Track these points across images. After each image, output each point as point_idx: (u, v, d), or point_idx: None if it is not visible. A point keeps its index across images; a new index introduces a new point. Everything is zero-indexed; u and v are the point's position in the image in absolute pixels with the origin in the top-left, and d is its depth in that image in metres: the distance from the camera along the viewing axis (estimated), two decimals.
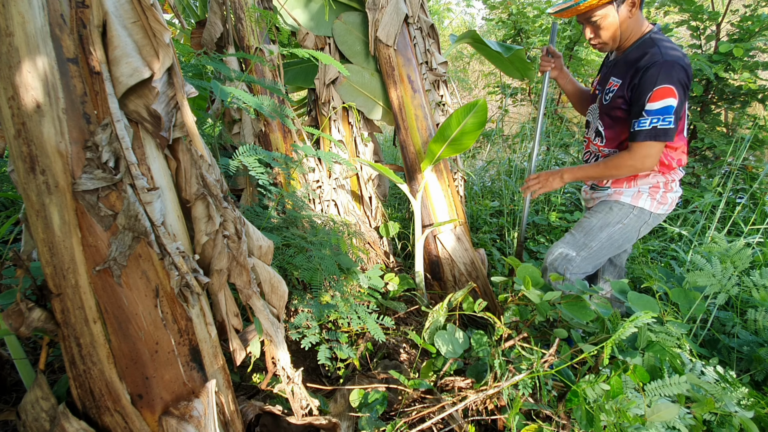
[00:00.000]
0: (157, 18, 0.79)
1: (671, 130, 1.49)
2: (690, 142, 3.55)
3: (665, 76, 1.46)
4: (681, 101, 1.48)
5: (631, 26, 1.59)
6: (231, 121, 2.08)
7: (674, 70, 1.46)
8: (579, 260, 1.74)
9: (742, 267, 1.96)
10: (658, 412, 0.95)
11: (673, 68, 1.46)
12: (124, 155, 0.78)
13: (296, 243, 1.60)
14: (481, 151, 4.98)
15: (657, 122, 1.50)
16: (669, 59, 1.46)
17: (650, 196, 1.67)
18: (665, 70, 1.46)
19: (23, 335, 0.83)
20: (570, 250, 1.75)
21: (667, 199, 1.69)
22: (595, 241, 1.73)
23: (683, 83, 1.47)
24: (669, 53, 1.49)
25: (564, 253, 1.76)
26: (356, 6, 2.33)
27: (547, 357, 1.16)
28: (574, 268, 1.74)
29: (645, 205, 1.68)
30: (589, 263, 1.76)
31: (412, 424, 1.17)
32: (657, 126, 1.50)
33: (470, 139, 1.87)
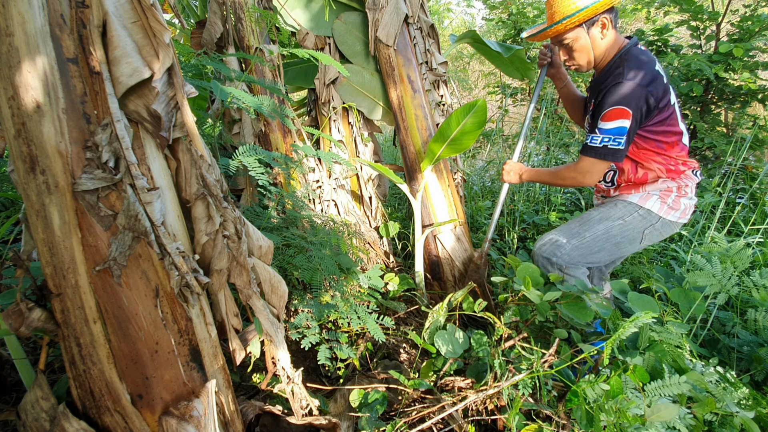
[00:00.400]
0: (157, 18, 0.79)
1: (620, 151, 1.50)
2: (690, 142, 3.55)
3: (620, 98, 1.47)
4: (635, 123, 1.48)
5: (604, 47, 1.59)
6: (231, 121, 2.08)
7: (630, 92, 1.46)
8: (569, 248, 1.68)
9: (742, 267, 1.95)
10: (658, 412, 0.95)
11: (629, 90, 1.46)
12: (124, 155, 0.78)
13: (296, 243, 1.60)
14: (481, 151, 4.98)
15: (608, 142, 1.50)
16: (628, 80, 1.46)
17: (660, 200, 1.61)
18: (621, 92, 1.47)
19: (23, 335, 0.83)
20: (561, 236, 1.71)
21: (680, 204, 1.62)
22: (590, 232, 1.68)
23: (640, 106, 1.46)
24: (630, 74, 1.48)
25: (554, 239, 1.71)
26: (356, 6, 2.33)
27: (547, 357, 1.16)
28: (562, 254, 1.68)
29: (654, 207, 1.62)
30: (579, 253, 1.69)
31: (412, 424, 1.17)
32: (607, 145, 1.50)
33: (470, 139, 1.87)
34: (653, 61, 1.53)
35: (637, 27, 6.38)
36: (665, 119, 1.53)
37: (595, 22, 1.54)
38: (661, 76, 1.50)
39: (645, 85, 1.45)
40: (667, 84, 1.54)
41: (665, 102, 1.51)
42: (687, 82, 3.40)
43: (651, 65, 1.50)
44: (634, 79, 1.46)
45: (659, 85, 1.48)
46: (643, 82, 1.46)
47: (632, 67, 1.49)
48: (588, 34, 1.57)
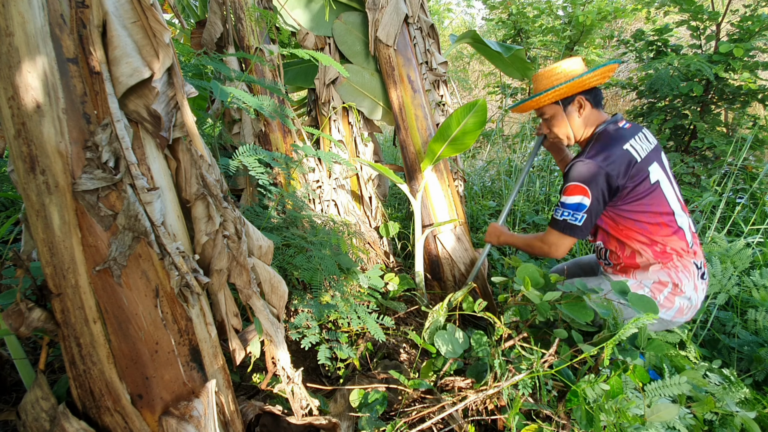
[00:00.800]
0: (157, 18, 0.79)
1: (579, 228, 1.49)
2: (690, 143, 3.55)
3: (578, 174, 1.48)
4: (596, 201, 1.46)
5: (582, 125, 1.62)
6: (231, 121, 2.08)
7: (588, 169, 1.46)
8: None
9: (742, 267, 1.96)
10: (658, 412, 0.95)
11: (587, 168, 1.46)
12: (124, 155, 0.78)
13: (296, 243, 1.60)
14: (481, 151, 4.98)
15: (567, 216, 1.51)
16: (588, 158, 1.47)
17: (652, 293, 1.50)
18: (580, 169, 1.48)
19: (23, 335, 0.83)
20: None
21: (673, 302, 1.48)
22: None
23: (599, 184, 1.45)
24: (592, 152, 1.49)
25: None
26: (356, 6, 2.33)
27: (546, 357, 1.16)
28: None
29: None
30: None
31: (412, 424, 1.17)
32: (567, 220, 1.51)
33: (470, 138, 1.87)
34: (624, 139, 1.51)
35: (637, 27, 6.38)
36: (641, 197, 1.48)
37: (572, 101, 1.60)
38: (631, 154, 1.47)
39: (604, 163, 1.44)
40: (643, 162, 1.49)
41: (637, 180, 1.47)
42: (687, 82, 3.40)
43: (619, 144, 1.49)
44: (594, 158, 1.47)
45: (622, 163, 1.45)
46: (602, 160, 1.45)
47: (597, 146, 1.51)
48: (564, 111, 1.62)
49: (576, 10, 4.75)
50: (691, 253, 1.52)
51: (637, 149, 1.51)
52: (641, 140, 1.56)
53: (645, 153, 1.53)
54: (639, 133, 1.58)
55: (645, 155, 1.52)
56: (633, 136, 1.54)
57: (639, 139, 1.56)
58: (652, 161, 1.53)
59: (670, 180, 1.58)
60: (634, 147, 1.51)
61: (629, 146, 1.49)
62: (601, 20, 4.71)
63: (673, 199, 1.53)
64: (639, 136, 1.57)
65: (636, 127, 1.61)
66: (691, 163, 3.44)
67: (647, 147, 1.56)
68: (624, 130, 1.56)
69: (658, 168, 1.53)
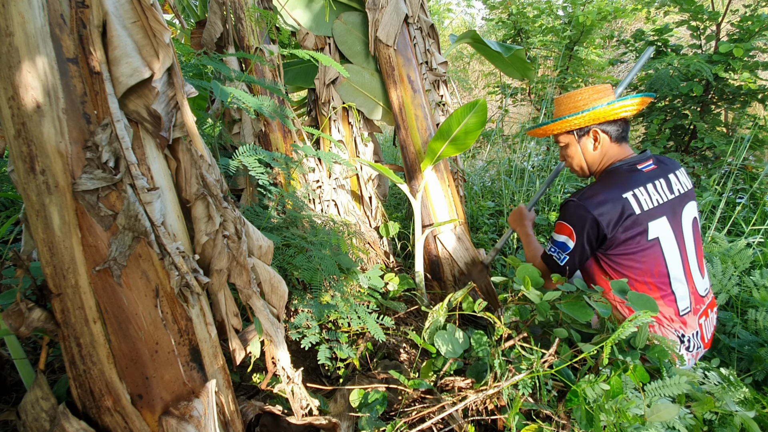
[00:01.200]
0: (157, 18, 0.79)
1: (561, 268, 1.46)
2: (690, 143, 3.55)
3: (567, 214, 1.44)
4: (581, 246, 1.41)
5: (597, 158, 1.53)
6: (231, 121, 2.08)
7: (577, 211, 1.41)
8: None
9: (742, 267, 1.96)
10: (658, 412, 0.95)
11: (576, 209, 1.41)
12: (124, 155, 0.78)
13: (296, 243, 1.60)
14: (481, 151, 4.98)
15: (554, 253, 1.48)
16: (582, 199, 1.40)
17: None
18: (570, 209, 1.44)
19: (23, 335, 0.83)
20: None
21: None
22: None
23: (586, 229, 1.39)
24: (587, 194, 1.42)
25: None
26: (356, 6, 2.34)
27: (546, 357, 1.16)
28: None
29: None
30: None
31: (412, 424, 1.17)
32: (552, 256, 1.49)
33: (471, 138, 1.87)
34: (630, 185, 1.40)
35: (637, 27, 6.38)
36: (633, 252, 1.39)
37: (587, 132, 1.51)
38: (628, 204, 1.37)
39: (595, 210, 1.37)
40: (643, 215, 1.37)
41: (631, 234, 1.37)
42: (687, 82, 3.40)
43: (618, 190, 1.39)
44: (587, 200, 1.39)
45: (615, 212, 1.36)
46: (595, 206, 1.37)
47: (597, 187, 1.43)
48: (579, 142, 1.54)
49: (576, 10, 4.75)
50: (678, 322, 1.40)
51: (642, 200, 1.39)
52: (658, 188, 1.42)
53: (652, 205, 1.39)
54: (660, 179, 1.44)
55: (650, 208, 1.39)
56: (646, 183, 1.41)
57: (655, 186, 1.42)
58: (659, 216, 1.39)
59: (679, 239, 1.42)
60: (638, 197, 1.39)
61: (631, 195, 1.38)
62: (601, 20, 4.71)
63: (674, 261, 1.40)
64: (658, 183, 1.43)
65: (662, 171, 1.46)
66: (691, 163, 3.44)
67: (662, 198, 1.42)
68: (639, 174, 1.43)
69: (664, 225, 1.40)
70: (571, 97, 1.54)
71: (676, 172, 1.50)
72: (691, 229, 1.47)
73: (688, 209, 1.48)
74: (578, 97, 1.52)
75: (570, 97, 1.55)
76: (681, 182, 1.49)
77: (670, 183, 1.46)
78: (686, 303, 1.41)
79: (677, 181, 1.48)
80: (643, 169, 1.46)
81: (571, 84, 5.03)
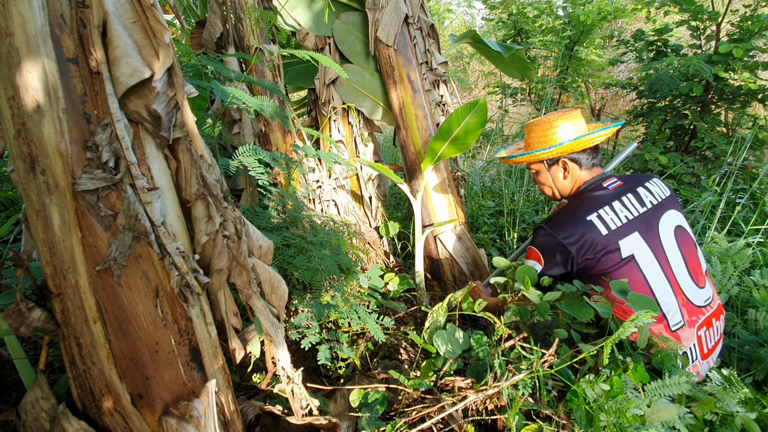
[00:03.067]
0: (157, 18, 0.79)
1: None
2: (690, 143, 3.55)
3: (538, 242, 1.46)
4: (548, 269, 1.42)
5: (568, 185, 1.58)
6: (231, 121, 2.08)
7: (542, 237, 1.43)
8: None
9: (742, 267, 1.96)
10: (658, 412, 0.95)
11: (542, 235, 1.44)
12: (124, 155, 0.78)
13: (296, 243, 1.60)
14: (481, 151, 4.98)
15: None
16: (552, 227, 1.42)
17: None
18: (541, 238, 1.45)
19: (23, 335, 0.83)
20: None
21: None
22: None
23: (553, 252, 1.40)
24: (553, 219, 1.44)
25: None
26: (356, 6, 2.34)
27: (546, 357, 1.16)
28: None
29: None
30: None
31: (412, 424, 1.17)
32: None
33: (471, 138, 1.87)
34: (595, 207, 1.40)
35: (637, 27, 6.38)
36: (610, 272, 1.36)
37: (557, 162, 1.55)
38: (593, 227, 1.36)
39: (561, 236, 1.39)
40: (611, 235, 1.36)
41: (602, 253, 1.36)
42: (687, 82, 3.41)
43: (584, 214, 1.39)
44: (554, 228, 1.41)
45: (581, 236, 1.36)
46: (559, 231, 1.39)
47: (564, 213, 1.45)
48: (549, 170, 1.58)
49: (576, 10, 4.75)
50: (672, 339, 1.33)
51: (608, 219, 1.38)
52: (626, 204, 1.42)
53: (620, 223, 1.38)
54: (627, 194, 1.44)
55: (618, 226, 1.38)
56: (612, 201, 1.41)
57: (622, 202, 1.42)
58: (630, 232, 1.37)
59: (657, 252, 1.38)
60: (603, 217, 1.39)
61: (595, 216, 1.39)
62: (601, 20, 4.71)
63: (655, 276, 1.36)
64: (625, 198, 1.43)
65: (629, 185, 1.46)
66: (691, 163, 3.44)
67: (631, 213, 1.41)
68: (605, 193, 1.45)
69: (636, 240, 1.37)
70: (540, 125, 1.55)
71: (646, 184, 1.49)
72: (673, 239, 1.43)
73: (667, 219, 1.44)
74: (547, 127, 1.53)
75: (539, 125, 1.56)
76: (653, 193, 1.47)
77: (640, 196, 1.45)
78: (678, 317, 1.36)
79: (647, 192, 1.47)
80: (608, 186, 1.48)
81: (571, 84, 5.03)
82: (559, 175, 1.58)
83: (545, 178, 1.62)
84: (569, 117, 1.52)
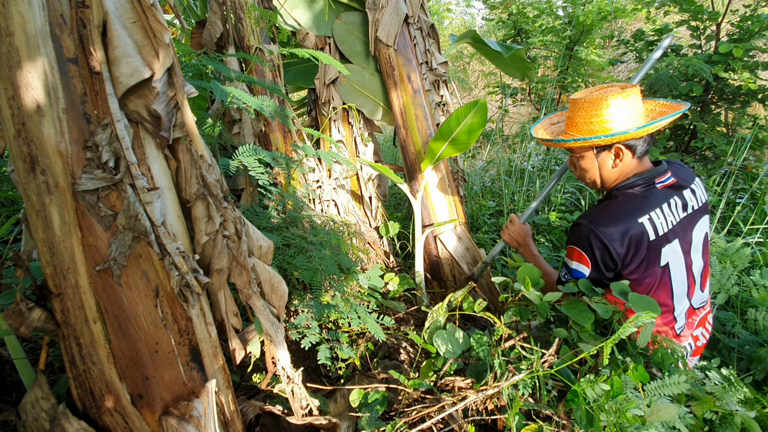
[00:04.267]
0: (157, 18, 0.79)
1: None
2: (690, 143, 3.55)
3: (579, 239, 1.33)
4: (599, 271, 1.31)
5: (614, 174, 1.40)
6: (231, 121, 2.08)
7: (583, 233, 1.30)
8: None
9: (741, 267, 1.96)
10: (658, 412, 0.95)
11: (581, 230, 1.31)
12: (124, 155, 0.78)
13: (296, 243, 1.59)
14: (481, 151, 4.98)
15: (568, 281, 1.34)
16: (597, 226, 1.29)
17: None
18: (583, 234, 1.31)
19: (23, 335, 0.83)
20: None
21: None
22: None
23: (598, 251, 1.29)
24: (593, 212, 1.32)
25: None
26: (356, 6, 2.33)
27: (546, 357, 1.16)
28: None
29: None
30: None
31: (412, 424, 1.17)
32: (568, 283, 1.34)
33: (471, 138, 1.87)
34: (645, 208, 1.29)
35: (637, 27, 6.38)
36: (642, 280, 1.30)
37: (609, 148, 1.36)
38: (644, 230, 1.27)
39: (608, 238, 1.26)
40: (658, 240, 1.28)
41: (644, 261, 1.28)
42: (687, 82, 3.41)
43: (634, 216, 1.28)
44: (600, 226, 1.28)
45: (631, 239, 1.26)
46: (607, 231, 1.27)
47: (611, 209, 1.32)
48: (597, 157, 1.39)
49: (576, 10, 4.75)
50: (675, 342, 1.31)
51: (658, 223, 1.29)
52: (672, 208, 1.32)
53: (667, 228, 1.30)
54: (674, 197, 1.34)
55: (665, 231, 1.29)
56: (662, 203, 1.31)
57: (670, 206, 1.32)
58: (673, 239, 1.30)
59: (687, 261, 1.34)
60: (654, 220, 1.29)
61: (647, 219, 1.28)
62: (601, 20, 4.71)
63: (680, 284, 1.33)
64: (672, 201, 1.33)
65: (677, 186, 1.35)
66: (691, 163, 3.44)
67: (675, 218, 1.32)
68: (654, 193, 1.33)
69: (675, 248, 1.31)
70: (592, 103, 1.33)
71: (692, 186, 1.39)
72: (701, 246, 1.38)
73: (700, 226, 1.38)
74: (600, 105, 1.31)
75: (591, 103, 1.33)
76: (697, 197, 1.38)
77: (685, 200, 1.35)
78: (682, 322, 1.37)
79: (692, 196, 1.38)
80: (658, 185, 1.35)
81: (571, 84, 5.03)
82: (608, 164, 1.39)
83: (590, 165, 1.42)
84: (626, 94, 1.31)
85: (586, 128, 1.36)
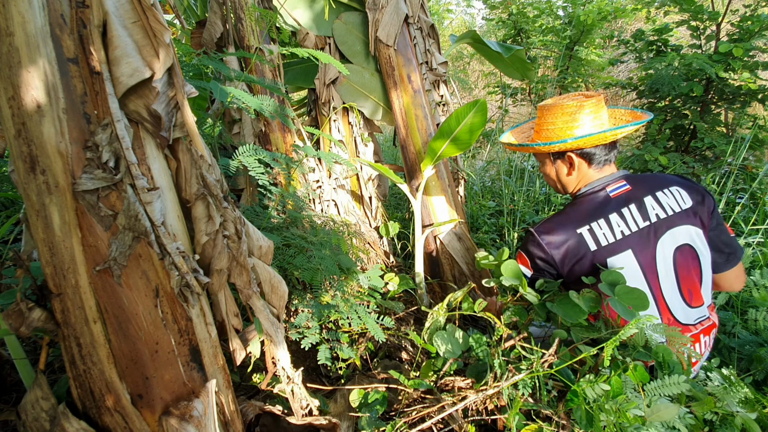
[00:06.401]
0: (157, 18, 0.79)
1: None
2: (690, 143, 3.55)
3: (524, 243, 1.41)
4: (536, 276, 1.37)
5: (574, 181, 1.45)
6: (231, 121, 2.08)
7: (536, 251, 1.36)
8: None
9: None
10: (658, 412, 0.95)
11: (535, 248, 1.37)
12: (124, 155, 0.78)
13: (296, 243, 1.59)
14: (481, 151, 4.98)
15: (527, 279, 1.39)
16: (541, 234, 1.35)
17: None
18: (528, 240, 1.39)
19: (23, 335, 0.83)
20: None
21: None
22: None
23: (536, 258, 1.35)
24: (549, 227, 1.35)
25: None
26: (356, 6, 2.33)
27: (546, 357, 1.16)
28: None
29: None
30: None
31: (412, 424, 1.17)
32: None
33: (471, 138, 1.87)
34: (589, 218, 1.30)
35: (637, 27, 6.38)
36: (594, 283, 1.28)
37: (562, 156, 1.41)
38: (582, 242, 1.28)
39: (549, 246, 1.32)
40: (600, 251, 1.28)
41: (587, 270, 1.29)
42: (687, 82, 3.41)
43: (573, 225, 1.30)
44: (542, 234, 1.34)
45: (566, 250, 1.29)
46: (546, 240, 1.32)
47: (555, 219, 1.37)
48: (554, 164, 1.46)
49: (576, 10, 4.75)
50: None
51: (600, 234, 1.29)
52: (625, 217, 1.30)
53: (613, 239, 1.29)
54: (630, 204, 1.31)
55: (610, 242, 1.29)
56: (610, 213, 1.30)
57: (622, 215, 1.30)
58: (623, 249, 1.28)
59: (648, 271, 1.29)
60: (596, 231, 1.29)
61: (586, 230, 1.29)
62: (601, 20, 4.71)
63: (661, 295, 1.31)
64: (626, 210, 1.30)
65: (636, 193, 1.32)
66: (691, 163, 3.44)
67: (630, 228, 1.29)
68: (604, 201, 1.33)
69: (628, 258, 1.28)
70: (552, 111, 1.37)
71: (658, 194, 1.32)
72: (671, 259, 1.31)
73: (670, 237, 1.30)
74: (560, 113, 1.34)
75: (551, 111, 1.37)
76: (664, 205, 1.31)
77: (645, 208, 1.31)
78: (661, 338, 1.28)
79: (656, 204, 1.31)
80: (611, 192, 1.34)
81: (571, 84, 5.03)
82: (564, 171, 1.44)
83: (549, 170, 1.50)
84: (580, 102, 1.33)
85: (544, 135, 1.43)
